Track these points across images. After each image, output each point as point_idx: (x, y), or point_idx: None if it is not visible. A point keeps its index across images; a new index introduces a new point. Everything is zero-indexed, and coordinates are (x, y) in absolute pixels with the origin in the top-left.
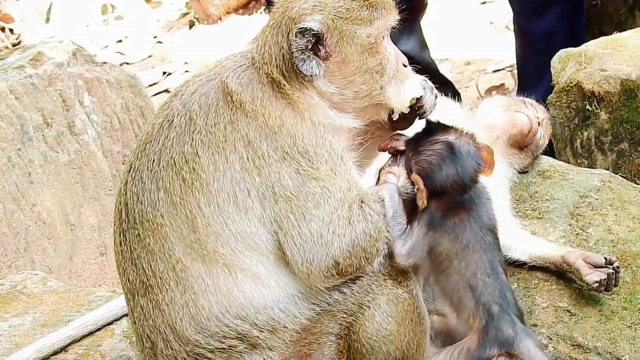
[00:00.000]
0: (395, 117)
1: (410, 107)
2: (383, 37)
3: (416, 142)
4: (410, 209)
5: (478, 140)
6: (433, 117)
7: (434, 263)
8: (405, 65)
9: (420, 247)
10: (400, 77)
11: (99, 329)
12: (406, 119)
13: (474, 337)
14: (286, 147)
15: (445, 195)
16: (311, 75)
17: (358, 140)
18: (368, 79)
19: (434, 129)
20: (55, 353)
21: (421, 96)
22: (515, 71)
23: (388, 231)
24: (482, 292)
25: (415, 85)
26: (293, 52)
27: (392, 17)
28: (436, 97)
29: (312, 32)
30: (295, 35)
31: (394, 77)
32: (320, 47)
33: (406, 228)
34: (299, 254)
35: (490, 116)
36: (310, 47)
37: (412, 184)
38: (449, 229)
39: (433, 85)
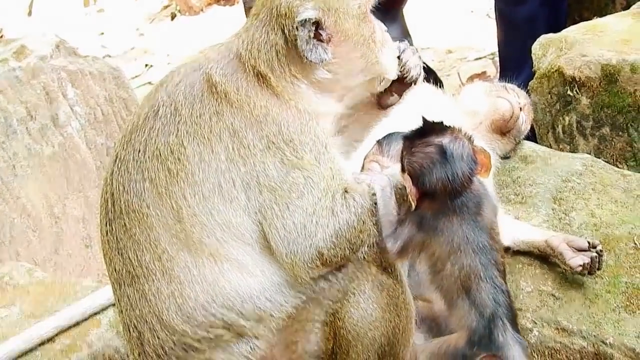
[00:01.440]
0: (383, 87)
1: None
2: (369, 6)
3: (412, 141)
4: (404, 202)
5: (475, 143)
6: (430, 116)
7: (427, 263)
8: (386, 31)
9: (411, 247)
10: (388, 43)
11: (85, 319)
12: (393, 90)
13: (463, 335)
14: (271, 135)
15: (435, 197)
16: (321, 62)
17: (343, 123)
18: (366, 50)
19: (431, 129)
20: (42, 343)
21: (400, 57)
22: (497, 59)
23: (373, 222)
24: (476, 295)
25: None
26: (300, 45)
27: None
28: (419, 57)
29: (311, 21)
30: (297, 29)
31: (384, 43)
32: (322, 32)
33: (397, 226)
34: (283, 245)
35: (472, 102)
36: (313, 35)
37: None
38: (439, 230)
39: (415, 48)
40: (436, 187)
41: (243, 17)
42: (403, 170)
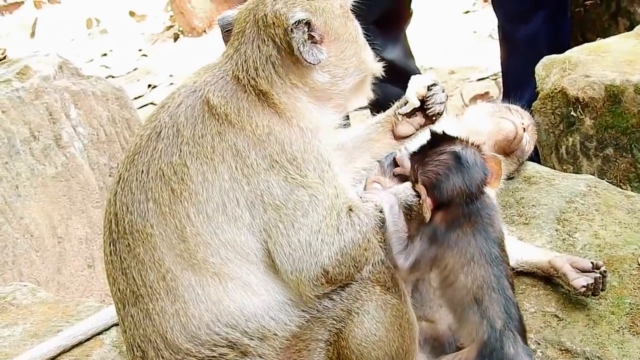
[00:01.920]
0: (407, 109)
1: (421, 100)
2: (349, 5)
3: (421, 153)
4: (410, 220)
5: (485, 151)
6: (437, 129)
7: (439, 276)
8: None
9: (423, 261)
10: (367, 44)
11: (88, 339)
12: (412, 122)
13: (473, 349)
14: (274, 154)
15: (450, 206)
16: (318, 62)
17: (349, 148)
18: (356, 48)
19: (439, 139)
20: None
21: (435, 83)
22: (500, 79)
23: (378, 240)
24: (488, 306)
25: (426, 76)
26: (296, 48)
27: None
28: (446, 96)
29: (303, 22)
30: (292, 32)
31: (365, 41)
32: (313, 34)
33: (407, 243)
34: (288, 263)
35: (476, 123)
36: (307, 36)
37: (418, 195)
38: (452, 242)
39: (443, 87)
40: (453, 194)
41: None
42: (416, 181)
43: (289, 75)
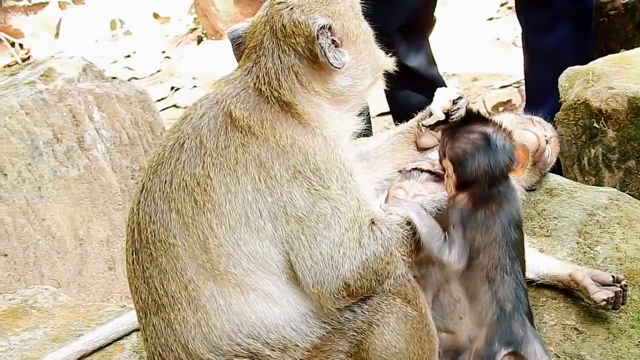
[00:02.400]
0: (431, 122)
1: (445, 113)
2: (358, 7)
3: (453, 129)
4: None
5: (515, 138)
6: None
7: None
8: None
9: (464, 246)
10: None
11: (109, 344)
12: (436, 132)
13: (482, 334)
14: (298, 165)
15: (474, 186)
16: (343, 65)
17: (371, 159)
18: (370, 48)
19: (474, 118)
20: None
21: (461, 96)
22: (522, 87)
23: (401, 253)
24: (499, 287)
25: (453, 88)
26: (322, 53)
27: None
28: (469, 107)
29: (326, 27)
30: (318, 38)
31: (374, 41)
32: (334, 38)
33: (445, 236)
34: (310, 276)
35: None
36: (331, 41)
37: (443, 169)
38: (479, 221)
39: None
40: (477, 173)
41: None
42: (444, 156)
43: (312, 83)
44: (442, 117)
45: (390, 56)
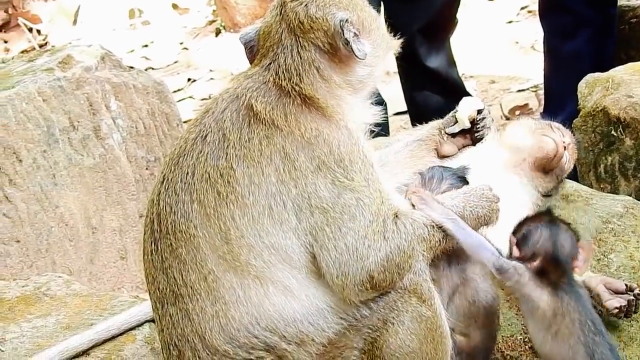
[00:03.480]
0: (455, 129)
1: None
2: None
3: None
4: None
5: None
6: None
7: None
8: None
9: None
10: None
11: (121, 334)
12: (456, 142)
13: None
14: (323, 156)
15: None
16: (365, 56)
17: (391, 163)
18: (382, 34)
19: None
20: (77, 356)
21: (483, 108)
22: (540, 92)
23: (422, 249)
24: (595, 350)
25: (477, 100)
26: (347, 45)
27: None
28: (491, 117)
29: (345, 19)
30: (342, 31)
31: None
32: (354, 30)
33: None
34: (334, 267)
35: (517, 138)
36: (353, 33)
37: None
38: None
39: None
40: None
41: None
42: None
43: (333, 76)
44: (468, 125)
45: (410, 56)
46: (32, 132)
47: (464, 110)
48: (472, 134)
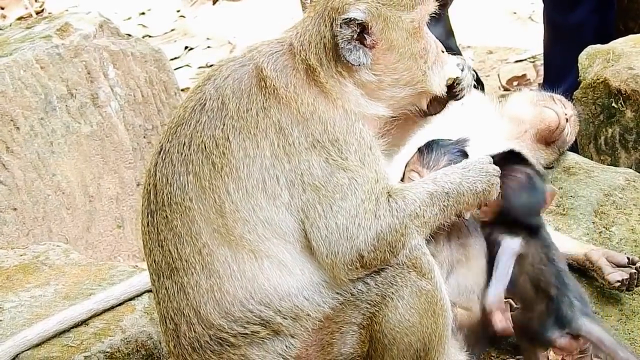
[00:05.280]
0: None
1: (447, 86)
2: (424, 23)
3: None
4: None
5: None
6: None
7: None
8: (443, 52)
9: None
10: (441, 62)
11: (120, 304)
12: (440, 102)
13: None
14: (317, 134)
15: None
16: (359, 65)
17: (386, 128)
18: (411, 65)
19: (514, 158)
20: (76, 325)
21: (458, 76)
22: (537, 62)
23: (416, 225)
24: (541, 278)
25: (453, 67)
26: (339, 42)
27: (432, 3)
28: (473, 76)
29: (357, 22)
30: (340, 26)
31: (435, 62)
32: (366, 36)
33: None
34: (324, 246)
35: (518, 110)
36: (355, 37)
37: None
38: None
39: (470, 65)
40: (518, 210)
41: (291, 11)
42: None
43: (337, 62)
44: (440, 94)
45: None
46: (30, 99)
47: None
48: (451, 94)
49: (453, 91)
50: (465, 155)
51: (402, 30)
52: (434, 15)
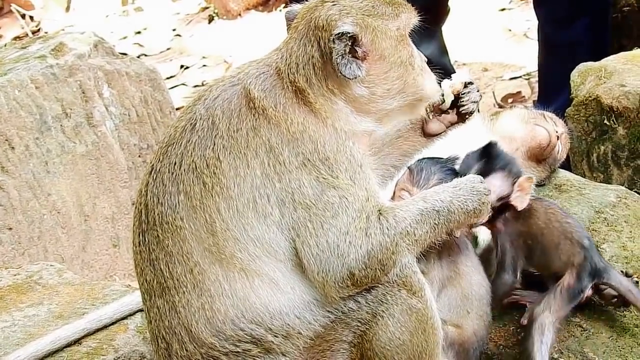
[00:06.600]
0: (436, 112)
1: (453, 99)
2: (408, 31)
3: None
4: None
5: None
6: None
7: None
8: (425, 61)
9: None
10: (426, 69)
11: (113, 323)
12: (443, 120)
13: (572, 273)
14: (307, 152)
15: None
16: (355, 78)
17: (384, 151)
18: (402, 72)
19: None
20: (69, 345)
21: (465, 81)
22: (533, 79)
23: (406, 243)
24: (572, 231)
25: (459, 77)
26: (334, 58)
27: (413, 13)
28: (479, 95)
29: (348, 35)
30: (334, 42)
31: (423, 68)
32: (357, 49)
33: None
34: (315, 264)
35: (509, 128)
36: (348, 50)
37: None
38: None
39: (477, 87)
40: None
41: (284, 31)
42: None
43: (327, 80)
44: (452, 97)
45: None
46: (25, 119)
47: (448, 84)
48: (457, 109)
49: (459, 102)
50: (455, 173)
51: (390, 38)
52: (428, 31)
